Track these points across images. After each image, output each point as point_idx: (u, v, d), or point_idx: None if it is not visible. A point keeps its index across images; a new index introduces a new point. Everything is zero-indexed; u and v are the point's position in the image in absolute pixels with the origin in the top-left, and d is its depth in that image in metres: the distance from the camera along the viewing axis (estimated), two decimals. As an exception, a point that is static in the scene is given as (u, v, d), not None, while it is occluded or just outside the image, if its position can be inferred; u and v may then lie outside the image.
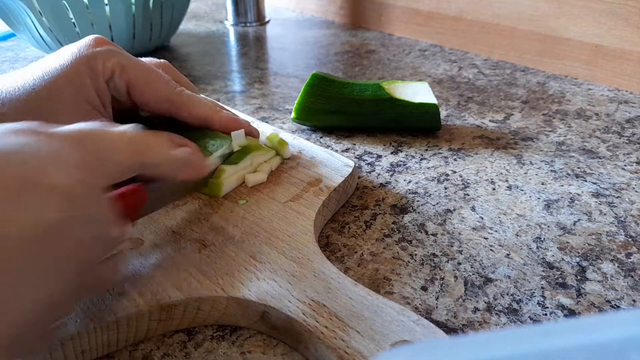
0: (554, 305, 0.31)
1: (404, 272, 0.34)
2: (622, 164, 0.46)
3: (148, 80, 0.37)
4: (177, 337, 0.30)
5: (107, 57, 0.36)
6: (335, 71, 0.71)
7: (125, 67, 0.36)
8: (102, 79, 0.36)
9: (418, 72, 0.71)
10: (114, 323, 0.28)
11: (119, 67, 0.36)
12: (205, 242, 0.34)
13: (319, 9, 1.01)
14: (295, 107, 0.52)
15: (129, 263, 0.32)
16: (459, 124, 0.55)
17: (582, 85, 0.64)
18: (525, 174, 0.45)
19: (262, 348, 0.29)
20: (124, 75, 0.36)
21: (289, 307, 0.29)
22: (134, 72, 0.36)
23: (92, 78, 0.35)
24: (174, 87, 0.39)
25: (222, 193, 0.38)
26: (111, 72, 0.36)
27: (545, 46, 0.69)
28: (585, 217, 0.39)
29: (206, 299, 0.30)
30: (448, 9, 0.78)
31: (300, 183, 0.40)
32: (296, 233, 0.34)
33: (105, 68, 0.36)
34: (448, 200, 0.42)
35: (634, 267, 0.34)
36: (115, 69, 0.36)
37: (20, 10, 0.68)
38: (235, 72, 0.73)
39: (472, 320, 0.30)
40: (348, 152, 0.50)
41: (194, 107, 0.39)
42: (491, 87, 0.65)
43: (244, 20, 0.97)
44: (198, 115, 0.39)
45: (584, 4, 0.63)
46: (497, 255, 0.36)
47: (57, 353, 0.27)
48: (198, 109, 0.39)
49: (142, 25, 0.74)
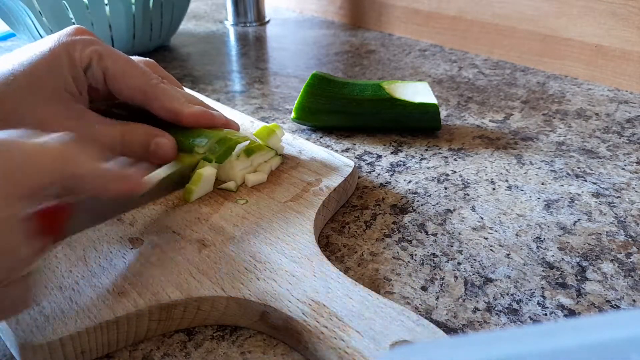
0: (554, 305, 0.31)
1: (404, 272, 0.34)
2: (622, 164, 0.46)
3: (124, 70, 0.37)
4: (177, 337, 0.30)
5: (85, 46, 0.36)
6: (335, 71, 0.71)
7: (102, 55, 0.37)
8: (80, 66, 0.36)
9: (418, 72, 0.71)
10: (114, 323, 0.28)
11: (97, 55, 0.36)
12: (205, 242, 0.34)
13: (319, 9, 1.01)
14: (295, 107, 0.52)
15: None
16: (459, 124, 0.55)
17: (582, 85, 0.64)
18: (525, 174, 0.45)
19: (262, 348, 0.29)
20: (101, 63, 0.36)
21: (289, 307, 0.29)
22: (111, 60, 0.37)
23: (70, 65, 0.36)
24: (150, 79, 0.39)
25: (193, 199, 0.38)
26: (89, 60, 0.36)
27: (545, 46, 0.69)
28: (585, 217, 0.39)
29: (206, 299, 0.30)
30: (448, 9, 0.78)
31: (300, 183, 0.40)
32: (296, 233, 0.34)
33: (83, 56, 0.36)
34: (448, 200, 0.42)
35: (634, 267, 0.34)
36: (93, 56, 0.36)
37: (20, 10, 0.68)
38: (235, 72, 0.73)
39: (472, 320, 0.30)
40: (348, 152, 0.50)
41: (167, 100, 0.39)
42: (491, 87, 0.65)
43: (244, 20, 0.97)
44: (169, 108, 0.39)
45: (584, 4, 0.63)
46: (497, 255, 0.36)
47: (57, 353, 0.27)
48: (170, 103, 0.39)
49: (142, 25, 0.74)
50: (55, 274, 0.31)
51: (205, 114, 0.40)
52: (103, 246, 0.33)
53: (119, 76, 0.37)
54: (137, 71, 0.38)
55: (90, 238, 0.34)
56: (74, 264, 0.32)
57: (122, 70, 0.37)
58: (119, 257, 0.33)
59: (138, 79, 0.38)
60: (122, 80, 0.37)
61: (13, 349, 0.28)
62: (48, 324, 0.27)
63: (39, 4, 0.67)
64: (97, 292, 0.30)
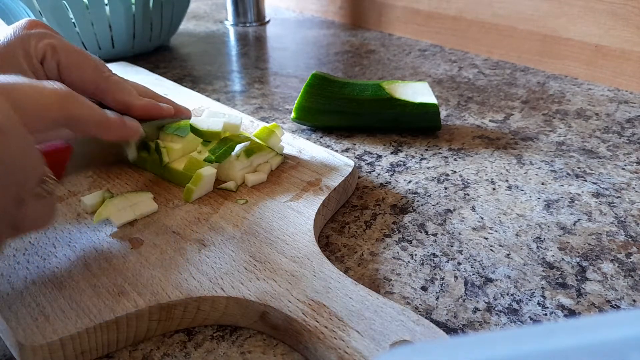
0: (554, 305, 0.31)
1: (404, 272, 0.34)
2: (622, 164, 0.46)
3: (77, 62, 0.38)
4: (177, 337, 0.30)
5: (39, 39, 0.37)
6: (335, 71, 0.71)
7: (56, 48, 0.37)
8: (36, 59, 0.37)
9: (418, 72, 0.71)
10: (114, 323, 0.28)
11: (50, 48, 0.37)
12: (205, 242, 0.34)
13: (319, 9, 1.01)
14: (295, 107, 0.52)
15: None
16: (459, 124, 0.55)
17: (582, 85, 0.64)
18: (525, 174, 0.45)
19: (262, 348, 0.29)
20: (54, 56, 0.37)
21: (289, 307, 0.29)
22: (64, 53, 0.38)
23: (26, 59, 0.37)
24: (102, 72, 0.39)
25: (193, 199, 0.38)
26: (43, 53, 0.37)
27: (545, 46, 0.69)
28: (585, 217, 0.39)
29: (206, 299, 0.29)
30: (448, 9, 0.78)
31: (300, 183, 0.40)
32: (296, 233, 0.34)
33: (38, 49, 0.37)
34: (448, 200, 0.42)
35: (634, 267, 0.34)
36: (47, 50, 0.37)
37: (21, 10, 0.68)
38: (235, 72, 0.73)
39: (472, 320, 0.30)
40: (348, 152, 0.50)
41: (118, 92, 0.40)
42: (491, 87, 0.65)
43: (244, 20, 0.97)
44: (120, 100, 0.40)
45: (584, 4, 0.63)
46: (497, 255, 0.36)
47: (57, 353, 0.27)
48: (121, 95, 0.40)
49: (142, 25, 0.74)
50: (55, 274, 0.31)
51: (155, 106, 0.41)
52: (103, 246, 0.33)
53: (72, 68, 0.38)
54: (90, 64, 0.39)
55: (90, 238, 0.34)
56: (74, 264, 0.32)
57: (74, 63, 0.38)
58: (119, 257, 0.33)
59: (90, 71, 0.39)
60: (75, 72, 0.38)
61: (13, 349, 0.28)
62: (48, 324, 0.27)
63: (39, 4, 0.67)
64: (97, 292, 0.30)
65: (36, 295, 0.29)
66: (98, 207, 0.36)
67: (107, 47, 0.74)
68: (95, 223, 0.36)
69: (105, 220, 0.36)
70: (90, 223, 0.36)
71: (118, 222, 0.35)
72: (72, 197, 0.39)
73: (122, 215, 0.36)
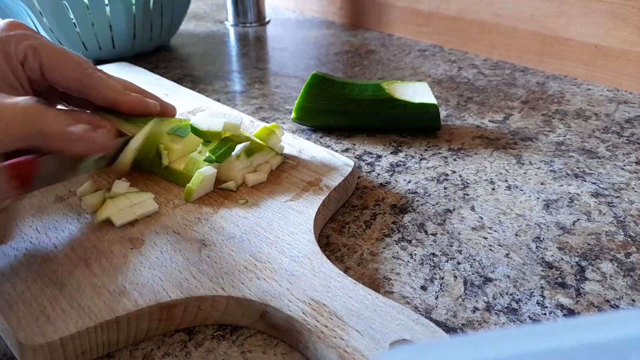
0: (554, 304, 0.31)
1: (403, 272, 0.34)
2: (621, 164, 0.46)
3: (59, 61, 0.38)
4: (177, 337, 0.30)
5: (19, 40, 0.37)
6: (335, 71, 0.71)
7: (37, 49, 0.37)
8: (17, 61, 0.37)
9: (418, 72, 0.71)
10: (114, 323, 0.28)
11: (31, 49, 0.37)
12: (205, 242, 0.34)
13: (319, 9, 1.01)
14: (295, 107, 0.52)
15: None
16: (458, 124, 0.55)
17: (581, 86, 0.64)
18: (524, 174, 0.45)
19: (262, 347, 0.29)
20: (36, 56, 0.37)
21: (289, 307, 0.29)
22: (45, 53, 0.38)
23: (7, 60, 0.37)
24: (85, 69, 0.39)
25: (193, 199, 0.38)
26: (24, 54, 0.37)
27: (545, 46, 0.69)
28: (585, 217, 0.39)
29: (206, 299, 0.30)
30: (448, 9, 0.78)
31: (300, 182, 0.40)
32: (296, 232, 0.35)
33: (18, 50, 0.37)
34: (448, 200, 0.42)
35: (633, 266, 0.34)
36: (28, 51, 0.37)
37: (21, 11, 0.68)
38: (235, 72, 0.73)
39: (471, 319, 0.31)
40: (348, 152, 0.50)
41: (103, 88, 0.40)
42: (491, 87, 0.65)
43: (244, 20, 0.97)
44: (105, 96, 0.40)
45: (584, 4, 0.63)
46: (496, 255, 0.36)
47: (57, 353, 0.27)
48: (106, 91, 0.40)
49: (142, 26, 0.74)
50: (56, 274, 0.31)
51: (140, 101, 0.41)
52: (104, 246, 0.34)
53: (55, 68, 0.38)
54: (72, 62, 0.39)
55: (90, 238, 0.34)
56: (75, 264, 0.32)
57: (57, 62, 0.38)
58: (119, 257, 0.33)
59: (73, 69, 0.39)
60: (58, 71, 0.38)
61: (13, 349, 0.28)
62: (48, 324, 0.27)
63: (40, 4, 0.67)
64: (97, 291, 0.30)
65: (37, 295, 0.29)
66: (99, 207, 0.37)
67: (107, 47, 0.74)
68: (96, 223, 0.36)
69: (105, 220, 0.36)
70: (91, 223, 0.36)
71: (119, 222, 0.35)
72: (72, 197, 0.39)
73: (122, 215, 0.36)
